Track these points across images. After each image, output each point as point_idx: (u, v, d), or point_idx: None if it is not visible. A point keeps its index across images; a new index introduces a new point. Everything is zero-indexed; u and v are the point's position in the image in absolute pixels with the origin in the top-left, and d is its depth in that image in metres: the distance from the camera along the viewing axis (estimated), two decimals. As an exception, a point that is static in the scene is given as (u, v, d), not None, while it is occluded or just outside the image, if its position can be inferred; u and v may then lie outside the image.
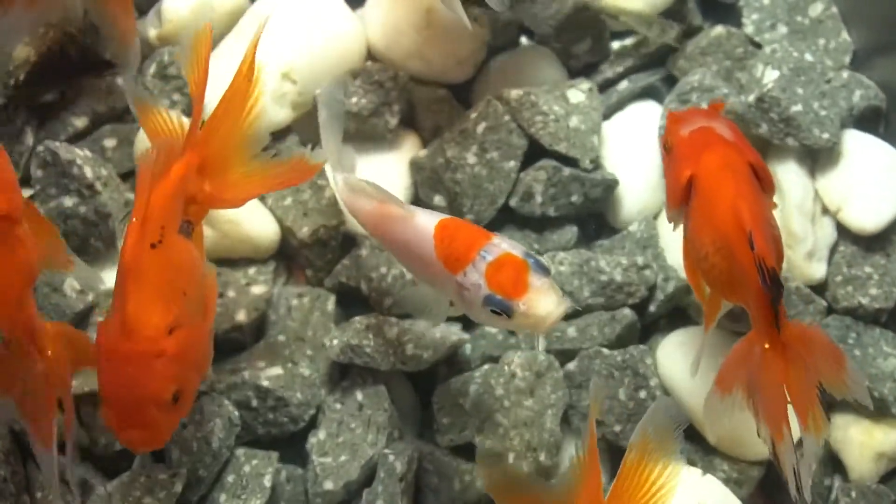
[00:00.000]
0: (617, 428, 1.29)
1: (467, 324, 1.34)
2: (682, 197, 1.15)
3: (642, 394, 1.30)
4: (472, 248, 1.05)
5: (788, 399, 1.07)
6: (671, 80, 1.46)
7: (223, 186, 1.12)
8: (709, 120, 1.18)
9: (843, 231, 1.38)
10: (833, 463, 1.34)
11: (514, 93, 1.37)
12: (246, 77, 1.11)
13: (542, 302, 1.01)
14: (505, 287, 1.02)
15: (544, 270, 1.03)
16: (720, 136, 1.15)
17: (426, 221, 1.10)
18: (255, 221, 1.33)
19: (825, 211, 1.38)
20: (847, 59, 1.43)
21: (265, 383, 1.28)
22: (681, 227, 1.19)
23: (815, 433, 1.06)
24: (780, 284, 1.06)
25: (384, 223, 1.14)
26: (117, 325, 1.01)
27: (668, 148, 1.19)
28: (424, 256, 1.09)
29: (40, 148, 1.31)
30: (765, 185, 1.15)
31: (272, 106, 1.35)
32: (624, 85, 1.44)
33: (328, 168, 1.22)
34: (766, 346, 1.08)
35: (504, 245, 1.05)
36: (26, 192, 1.34)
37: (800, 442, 1.07)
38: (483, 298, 1.03)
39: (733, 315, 1.30)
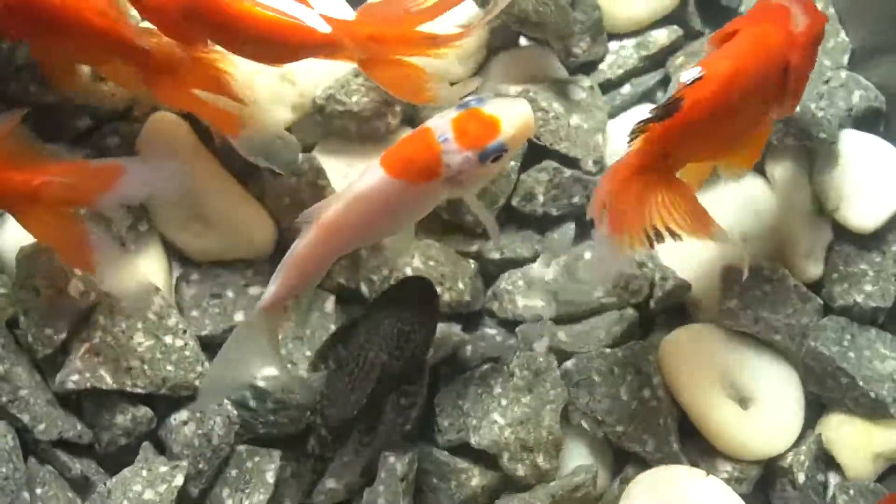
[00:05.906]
0: (619, 428, 1.29)
1: (467, 325, 1.35)
2: None
3: (646, 392, 1.30)
4: (431, 149, 1.07)
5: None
6: (667, 81, 1.46)
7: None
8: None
9: (838, 230, 1.38)
10: (829, 461, 1.35)
11: (514, 89, 1.37)
12: None
13: (513, 112, 1.07)
14: (483, 134, 1.06)
15: (480, 100, 1.08)
16: (782, 13, 1.16)
17: (374, 173, 1.09)
18: (251, 222, 1.33)
19: (821, 210, 1.39)
20: (845, 59, 1.43)
21: (261, 384, 1.28)
22: None
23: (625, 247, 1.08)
24: (667, 113, 1.06)
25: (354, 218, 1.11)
26: None
27: None
28: (403, 200, 1.10)
29: (40, 150, 1.30)
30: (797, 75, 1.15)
31: (271, 107, 1.35)
32: (627, 89, 1.44)
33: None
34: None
35: (441, 122, 1.07)
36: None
37: None
38: (480, 158, 1.07)
39: (732, 313, 1.33)
